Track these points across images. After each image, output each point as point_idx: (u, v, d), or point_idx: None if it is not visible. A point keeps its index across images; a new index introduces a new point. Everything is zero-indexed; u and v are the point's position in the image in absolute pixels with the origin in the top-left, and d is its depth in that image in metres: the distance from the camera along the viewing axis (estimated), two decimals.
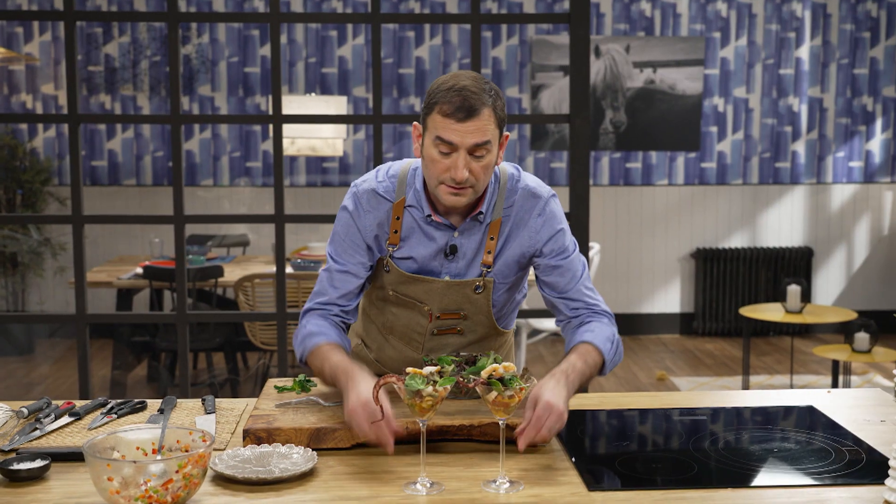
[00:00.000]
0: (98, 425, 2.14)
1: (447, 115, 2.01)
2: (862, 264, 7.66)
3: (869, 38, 7.51)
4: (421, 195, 2.18)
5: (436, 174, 2.07)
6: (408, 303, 2.27)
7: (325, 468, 1.92)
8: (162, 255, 6.05)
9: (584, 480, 1.84)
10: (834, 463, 1.92)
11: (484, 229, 2.20)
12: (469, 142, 2.02)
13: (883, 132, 7.57)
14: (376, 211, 2.20)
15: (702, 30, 7.42)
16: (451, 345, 2.32)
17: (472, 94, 2.01)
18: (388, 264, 2.23)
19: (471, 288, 2.22)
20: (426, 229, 2.20)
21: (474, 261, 2.21)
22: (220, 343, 5.51)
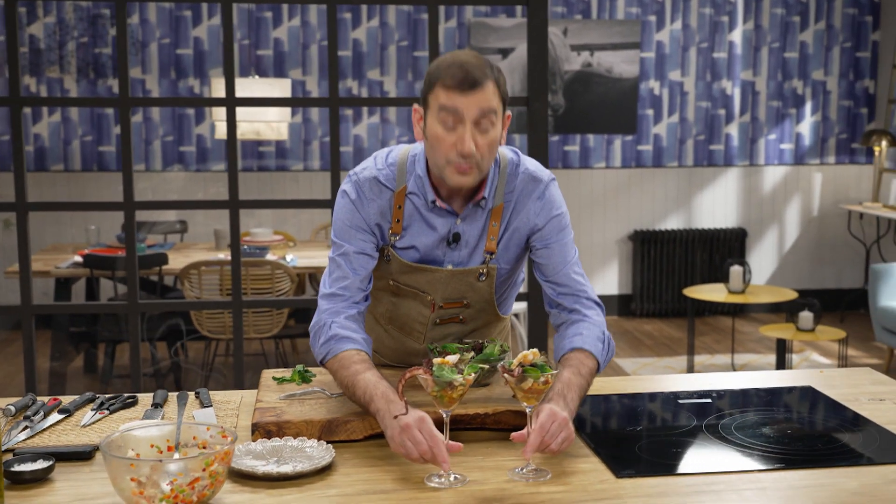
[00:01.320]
0: (91, 422, 2.05)
1: (451, 88, 1.96)
2: (793, 244, 7.83)
3: (799, 23, 7.65)
4: (424, 181, 2.11)
5: (443, 152, 2.00)
6: (409, 293, 2.21)
7: (342, 461, 1.86)
8: (99, 242, 5.87)
9: (609, 467, 1.82)
10: (849, 443, 1.93)
11: (486, 215, 2.14)
12: (474, 110, 1.95)
13: (812, 115, 7.73)
14: (379, 199, 2.13)
15: (638, 13, 7.47)
16: (453, 334, 2.27)
17: (475, 66, 1.96)
18: (390, 254, 2.16)
19: (474, 276, 2.17)
20: (428, 217, 2.13)
21: (476, 248, 2.15)
22: (164, 332, 5.37)
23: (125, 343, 6.11)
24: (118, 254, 5.29)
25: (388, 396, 1.86)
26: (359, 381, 1.93)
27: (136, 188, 7.10)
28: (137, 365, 3.89)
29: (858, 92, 7.76)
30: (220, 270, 5.08)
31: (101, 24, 7.08)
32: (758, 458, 1.85)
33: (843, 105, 7.76)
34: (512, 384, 1.79)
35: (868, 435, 1.97)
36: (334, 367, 2.01)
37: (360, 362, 1.97)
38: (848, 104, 7.76)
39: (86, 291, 5.93)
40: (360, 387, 1.92)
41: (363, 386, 1.91)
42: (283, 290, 5.17)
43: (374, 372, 1.95)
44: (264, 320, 5.19)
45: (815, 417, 2.11)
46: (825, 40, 7.68)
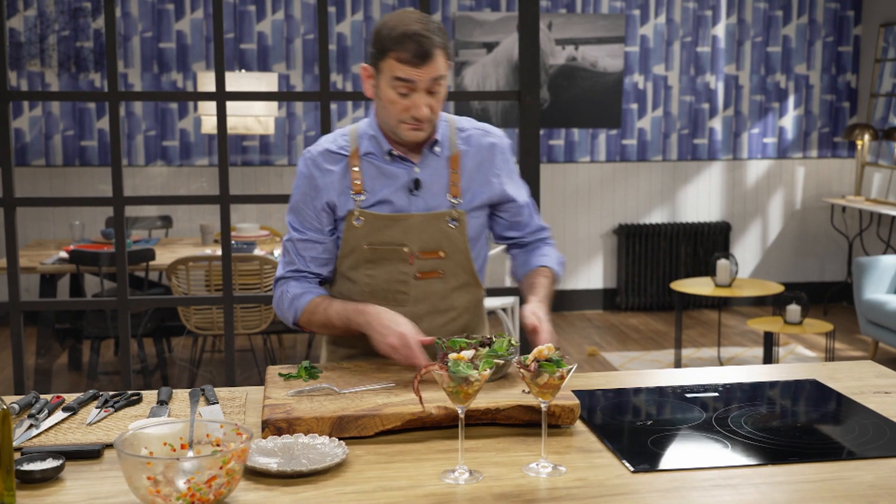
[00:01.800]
0: (97, 420, 2.02)
1: (404, 62, 2.10)
2: (776, 238, 7.86)
3: (781, 17, 7.68)
4: (378, 137, 2.25)
5: (395, 114, 2.16)
6: (385, 252, 2.27)
7: (354, 457, 1.84)
8: (83, 238, 5.81)
9: (624, 462, 1.81)
10: (861, 436, 1.94)
11: (444, 163, 2.28)
12: (427, 80, 2.12)
13: (795, 109, 7.77)
14: (334, 168, 2.26)
15: (622, 7, 7.48)
16: (435, 293, 2.31)
17: (425, 38, 2.10)
18: (360, 215, 2.25)
19: (445, 221, 2.27)
20: (387, 170, 2.26)
21: (440, 194, 2.28)
22: (150, 328, 5.32)
23: (110, 339, 6.06)
24: (104, 249, 5.24)
25: (357, 309, 2.17)
26: (331, 314, 2.20)
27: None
28: (128, 361, 3.86)
29: (840, 86, 7.80)
30: (209, 266, 5.04)
31: (82, 18, 7.01)
32: (771, 452, 1.85)
33: (826, 99, 7.80)
34: (527, 379, 1.78)
35: (878, 428, 1.98)
36: (306, 319, 2.24)
37: (323, 301, 2.24)
38: (830, 98, 7.80)
39: (70, 287, 5.88)
40: (334, 318, 2.19)
41: (336, 316, 2.19)
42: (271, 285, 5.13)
43: (340, 301, 2.23)
44: (252, 316, 5.16)
45: (823, 411, 2.11)
46: (807, 35, 7.72)
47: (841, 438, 1.93)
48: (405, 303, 2.30)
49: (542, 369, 1.76)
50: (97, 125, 7.08)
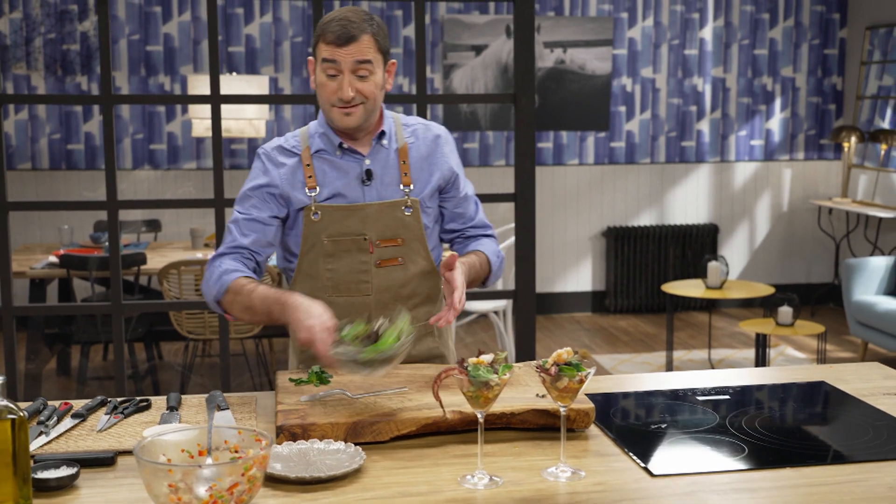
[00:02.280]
0: (107, 426, 2.00)
1: (330, 43, 2.21)
2: (764, 240, 7.89)
3: (768, 20, 7.71)
4: (328, 133, 2.32)
5: (326, 97, 2.24)
6: (344, 243, 2.31)
7: (371, 463, 1.83)
8: (72, 242, 5.77)
9: (643, 465, 1.81)
10: (875, 439, 1.94)
11: (394, 154, 2.36)
12: (350, 61, 2.20)
13: (782, 111, 7.80)
14: (287, 162, 2.31)
15: (610, 10, 7.49)
16: (397, 280, 2.34)
17: (352, 23, 2.21)
18: (317, 209, 2.28)
19: (400, 209, 2.33)
20: (339, 164, 2.32)
21: (391, 185, 2.34)
22: (141, 333, 5.29)
23: (99, 344, 6.02)
24: (95, 253, 5.21)
25: (280, 300, 2.09)
26: (254, 300, 2.14)
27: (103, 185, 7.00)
28: (122, 366, 3.83)
29: (826, 88, 7.84)
30: (202, 270, 5.01)
31: (68, 21, 6.96)
32: (787, 455, 1.85)
33: (812, 101, 7.84)
34: (547, 383, 1.78)
35: (891, 430, 1.98)
36: (230, 299, 2.19)
37: (249, 283, 2.18)
38: (816, 101, 7.84)
39: (58, 292, 5.83)
40: (256, 305, 2.13)
41: (259, 303, 2.13)
42: None
43: (266, 287, 2.14)
44: None
45: (836, 413, 2.12)
46: (794, 37, 7.76)
47: (856, 441, 1.93)
48: (369, 292, 2.34)
49: (561, 373, 1.75)
50: (84, 128, 7.03)
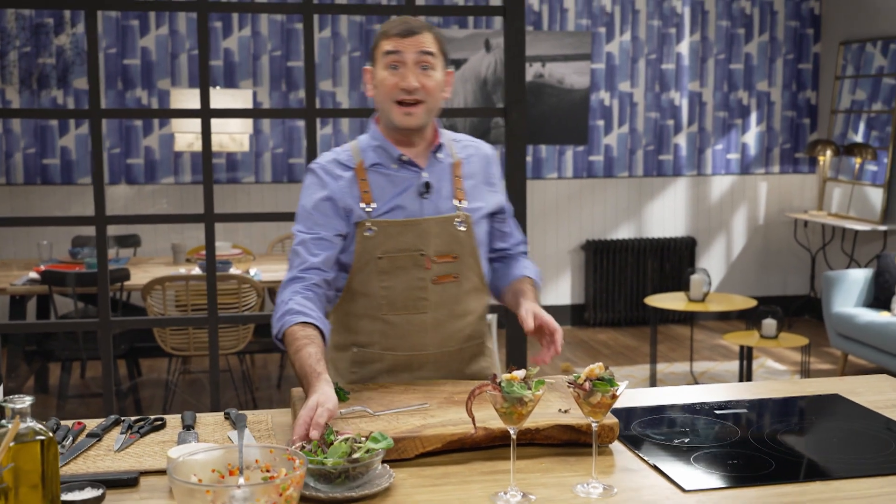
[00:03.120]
0: (125, 446, 1.96)
1: (393, 36, 2.22)
2: (740, 252, 7.95)
3: (743, 35, 7.79)
4: (385, 144, 2.30)
5: (388, 92, 2.23)
6: (401, 259, 2.26)
7: (399, 481, 1.81)
8: (52, 258, 5.69)
9: (673, 482, 1.80)
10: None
11: (448, 169, 2.33)
12: (413, 52, 2.21)
13: (757, 125, 7.87)
14: (345, 175, 2.28)
15: (588, 25, 7.53)
16: (452, 296, 2.31)
17: (415, 21, 2.25)
18: (372, 225, 2.25)
19: (454, 224, 2.30)
20: (396, 177, 2.29)
21: (448, 199, 2.31)
22: (124, 350, 5.22)
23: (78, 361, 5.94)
24: (76, 269, 5.14)
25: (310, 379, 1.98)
26: (296, 359, 2.06)
27: (82, 202, 6.93)
28: (110, 384, 3.77)
29: (801, 103, 7.93)
30: (187, 286, 4.95)
31: (43, 34, 6.88)
32: (816, 469, 1.85)
33: (787, 115, 7.92)
34: (580, 399, 1.76)
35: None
36: (285, 341, 2.13)
37: (302, 338, 2.08)
38: (791, 115, 7.93)
39: (37, 309, 5.75)
40: (297, 365, 2.05)
41: (299, 365, 2.04)
42: (250, 304, 5.07)
43: (313, 347, 2.05)
44: (230, 336, 5.08)
45: (856, 426, 2.12)
46: (769, 52, 7.84)
47: (880, 454, 1.93)
48: (426, 309, 2.29)
49: (595, 388, 1.74)
50: (60, 143, 6.95)
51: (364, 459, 1.72)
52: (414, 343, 2.31)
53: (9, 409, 1.55)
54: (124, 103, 6.93)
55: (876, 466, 1.86)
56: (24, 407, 1.55)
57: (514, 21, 3.92)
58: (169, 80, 7.00)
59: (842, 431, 2.09)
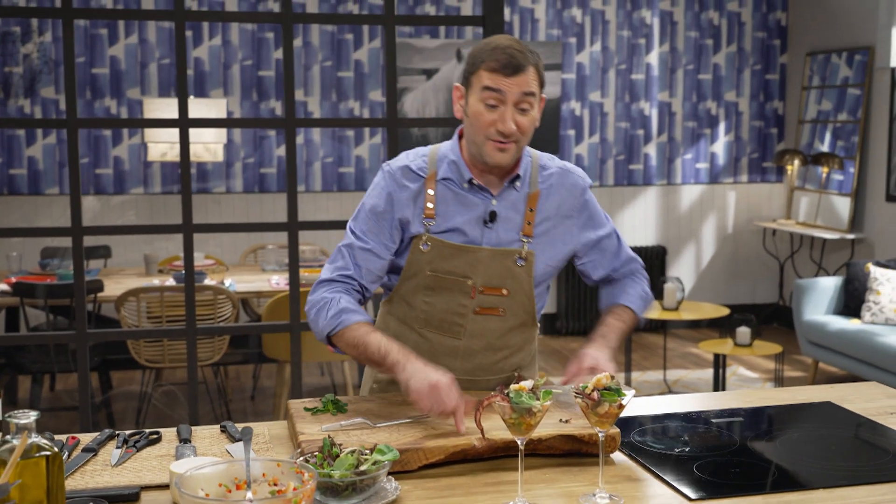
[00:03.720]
0: (122, 461, 1.93)
1: (494, 71, 2.08)
2: (710, 261, 8.01)
3: (712, 45, 7.86)
4: (458, 163, 2.20)
5: (482, 129, 2.11)
6: (447, 281, 2.20)
7: (404, 493, 1.80)
8: (21, 269, 5.61)
9: (679, 491, 1.80)
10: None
11: (522, 200, 2.22)
12: (516, 92, 2.08)
13: (726, 135, 7.95)
14: (411, 187, 2.20)
15: (559, 35, 7.57)
16: (493, 330, 2.25)
17: (518, 52, 2.09)
18: (428, 240, 2.19)
19: (513, 259, 2.20)
20: (463, 198, 2.20)
21: (513, 230, 2.21)
22: (97, 363, 5.15)
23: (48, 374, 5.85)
24: (47, 281, 5.07)
25: (404, 351, 2.04)
26: (370, 340, 2.05)
27: (49, 213, 6.84)
28: (87, 397, 3.72)
29: (768, 113, 8.01)
30: (161, 297, 4.90)
31: (10, 42, 6.80)
32: (819, 476, 1.86)
33: (755, 125, 8.00)
34: (587, 408, 1.76)
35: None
36: (343, 337, 2.10)
37: (370, 330, 2.11)
38: (759, 124, 8.01)
39: (5, 321, 5.67)
40: (372, 344, 2.04)
41: (376, 344, 2.04)
42: (226, 315, 5.03)
43: (388, 338, 2.07)
44: (205, 347, 5.03)
45: (852, 433, 2.14)
46: (737, 63, 7.92)
47: (879, 461, 1.95)
48: (460, 335, 2.24)
49: (603, 398, 1.74)
50: (27, 153, 6.86)
51: (371, 471, 1.70)
52: (442, 364, 2.19)
53: (13, 425, 1.52)
54: (93, 113, 6.86)
55: (876, 473, 1.88)
56: (29, 422, 1.52)
57: (493, 31, 3.93)
58: (139, 89, 6.94)
59: (839, 439, 2.11)
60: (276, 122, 4.16)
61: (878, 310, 5.87)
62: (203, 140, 5.34)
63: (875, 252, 7.00)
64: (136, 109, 6.90)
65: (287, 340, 5.08)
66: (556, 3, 7.54)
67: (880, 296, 5.88)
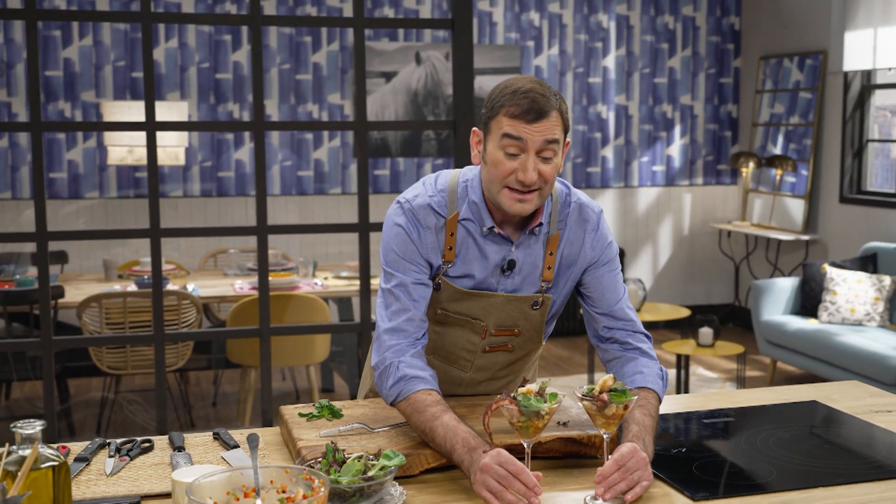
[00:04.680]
0: (117, 470, 1.90)
1: (516, 117, 1.94)
2: (666, 263, 8.09)
3: (667, 49, 7.94)
4: (480, 207, 2.06)
5: (500, 177, 1.97)
6: (459, 321, 2.14)
7: (409, 498, 1.78)
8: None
9: (681, 491, 1.81)
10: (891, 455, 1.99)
11: (541, 244, 2.11)
12: (538, 140, 1.94)
13: (681, 138, 8.03)
14: (433, 226, 2.07)
15: (517, 38, 7.59)
16: (499, 363, 2.22)
17: (540, 95, 1.95)
18: (441, 282, 2.10)
19: (529, 304, 2.12)
20: (482, 244, 2.08)
21: (530, 276, 2.11)
22: (58, 370, 5.06)
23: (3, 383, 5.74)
24: (6, 287, 4.97)
25: (469, 443, 1.81)
26: (437, 427, 1.87)
27: (2, 218, 6.71)
28: (52, 406, 3.67)
29: (723, 116, 8.11)
30: (124, 302, 4.83)
31: None
32: (816, 475, 1.89)
33: (709, 128, 8.10)
34: (593, 411, 1.76)
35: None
36: (408, 410, 1.94)
37: (434, 405, 1.91)
38: (713, 127, 8.10)
39: None
40: (439, 434, 1.86)
41: (442, 434, 1.85)
42: (190, 321, 4.96)
43: (451, 415, 1.89)
44: (170, 353, 4.97)
45: (843, 432, 2.16)
46: (691, 66, 8.01)
47: (877, 458, 1.98)
48: (467, 370, 2.21)
49: (611, 400, 1.74)
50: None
51: (379, 477, 1.69)
52: (443, 391, 2.12)
53: (18, 435, 1.48)
54: (47, 116, 6.74)
55: (873, 472, 1.90)
56: (35, 432, 1.49)
57: (462, 34, 3.94)
58: (93, 91, 6.83)
59: (830, 437, 2.13)
60: (244, 126, 4.13)
61: (834, 310, 5.96)
62: (164, 144, 5.27)
63: (829, 253, 7.12)
64: (90, 112, 6.79)
65: (251, 345, 5.04)
66: (515, 6, 7.57)
67: (837, 296, 5.98)
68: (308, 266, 5.55)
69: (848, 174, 6.98)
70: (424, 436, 1.90)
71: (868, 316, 5.89)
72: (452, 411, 1.90)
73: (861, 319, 5.90)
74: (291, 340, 5.06)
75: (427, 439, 1.90)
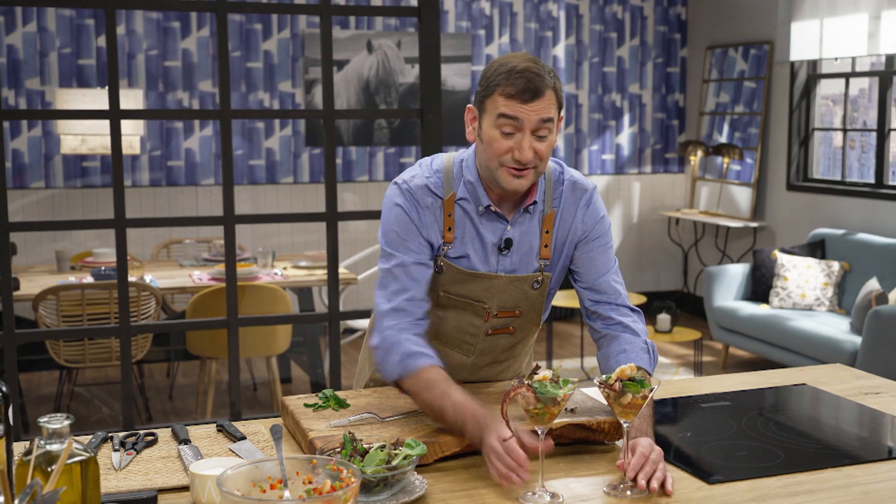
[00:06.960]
0: (125, 464, 1.86)
1: (511, 97, 1.95)
2: (616, 251, 8.16)
3: (616, 39, 8.01)
4: (476, 186, 2.09)
5: (497, 155, 1.99)
6: (461, 303, 2.15)
7: (429, 486, 1.78)
8: None
9: (695, 474, 1.83)
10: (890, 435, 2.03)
11: (537, 222, 2.13)
12: (534, 119, 1.96)
13: (630, 126, 8.11)
14: (431, 207, 2.09)
15: (468, 27, 7.59)
16: (501, 346, 2.23)
17: (536, 75, 1.96)
18: (442, 264, 2.10)
19: (529, 284, 2.14)
20: (478, 223, 2.10)
21: (526, 255, 2.13)
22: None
23: None
24: None
25: (479, 420, 1.83)
26: (446, 403, 1.89)
27: None
28: (16, 401, 3.58)
29: (670, 105, 8.21)
30: (82, 294, 4.74)
31: None
32: (822, 456, 1.92)
33: (657, 117, 8.19)
34: (611, 399, 1.77)
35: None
36: (415, 387, 1.96)
37: (442, 381, 1.93)
38: (661, 116, 8.19)
39: None
40: (448, 410, 1.88)
41: (452, 410, 1.87)
42: (149, 312, 4.89)
43: (459, 390, 1.91)
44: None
45: (838, 414, 2.21)
46: (640, 56, 8.08)
47: (876, 438, 2.02)
48: (470, 354, 2.21)
49: (626, 389, 1.75)
50: None
51: (403, 466, 1.68)
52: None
53: (46, 429, 1.45)
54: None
55: (875, 452, 1.95)
56: (63, 427, 1.45)
57: (429, 22, 3.93)
58: (38, 79, 6.68)
59: (829, 420, 2.18)
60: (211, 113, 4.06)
61: (785, 295, 6.08)
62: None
63: (777, 239, 7.25)
64: (35, 100, 6.64)
65: (212, 336, 4.98)
66: None
67: (787, 281, 6.10)
68: (267, 256, 5.50)
69: (795, 162, 7.11)
70: (432, 412, 1.93)
71: (818, 301, 6.02)
72: (460, 387, 1.92)
73: (811, 304, 6.02)
74: (254, 332, 5.01)
75: (435, 416, 1.92)
